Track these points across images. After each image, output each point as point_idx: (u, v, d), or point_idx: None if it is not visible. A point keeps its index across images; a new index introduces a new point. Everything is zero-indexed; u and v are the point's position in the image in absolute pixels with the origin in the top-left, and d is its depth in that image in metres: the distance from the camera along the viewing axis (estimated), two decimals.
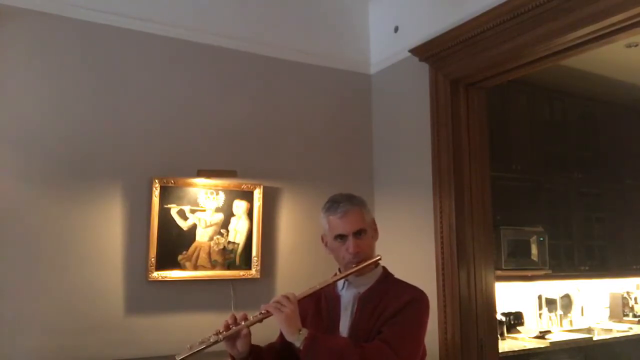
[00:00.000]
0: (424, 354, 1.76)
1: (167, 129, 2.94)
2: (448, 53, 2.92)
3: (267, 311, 1.64)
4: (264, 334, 1.81)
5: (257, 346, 1.76)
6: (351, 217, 1.74)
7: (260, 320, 1.66)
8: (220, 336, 1.64)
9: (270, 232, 3.13)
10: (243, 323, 1.66)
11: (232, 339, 1.66)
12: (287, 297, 1.64)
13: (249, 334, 1.68)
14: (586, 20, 2.30)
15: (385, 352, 1.58)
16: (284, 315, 1.60)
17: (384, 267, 1.85)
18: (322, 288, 1.74)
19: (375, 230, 1.84)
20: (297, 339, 1.58)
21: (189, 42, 3.04)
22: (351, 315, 1.74)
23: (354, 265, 1.72)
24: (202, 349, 1.62)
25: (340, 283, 1.80)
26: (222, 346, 1.67)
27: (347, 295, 1.78)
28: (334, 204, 1.77)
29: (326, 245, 1.83)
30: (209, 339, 1.63)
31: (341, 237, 1.74)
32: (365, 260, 1.73)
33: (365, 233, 1.76)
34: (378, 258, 1.77)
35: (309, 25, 3.43)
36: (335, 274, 1.82)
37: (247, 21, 3.23)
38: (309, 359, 1.56)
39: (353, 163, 3.45)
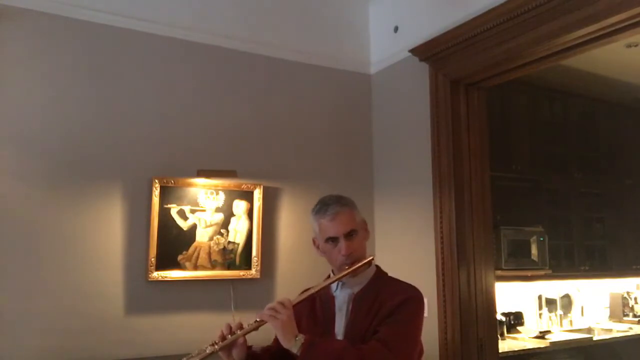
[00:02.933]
0: (421, 352, 1.76)
1: (167, 129, 2.93)
2: (448, 53, 2.92)
3: (262, 319, 1.63)
4: (261, 337, 1.81)
5: (254, 352, 1.75)
6: (342, 219, 1.73)
7: (256, 329, 1.65)
8: (217, 346, 1.63)
9: (270, 232, 3.13)
10: (238, 332, 1.65)
11: (227, 348, 1.66)
12: (282, 304, 1.63)
13: (245, 342, 1.68)
14: (586, 20, 2.30)
15: (382, 352, 1.58)
16: (280, 322, 1.59)
17: (377, 266, 1.85)
18: (317, 292, 1.74)
19: (366, 230, 1.83)
20: (294, 345, 1.58)
21: (189, 42, 3.04)
22: (346, 316, 1.74)
23: (347, 267, 1.71)
24: None
25: (334, 284, 1.79)
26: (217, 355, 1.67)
27: (342, 296, 1.78)
28: (323, 206, 1.77)
29: (318, 248, 1.82)
30: (204, 350, 1.63)
31: (333, 239, 1.74)
32: (359, 261, 1.73)
33: (356, 234, 1.75)
34: (370, 259, 1.77)
35: (309, 25, 3.43)
36: (329, 276, 1.81)
37: (247, 21, 3.23)
38: None
39: (353, 163, 3.45)
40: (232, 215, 3.01)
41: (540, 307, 4.57)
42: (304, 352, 1.56)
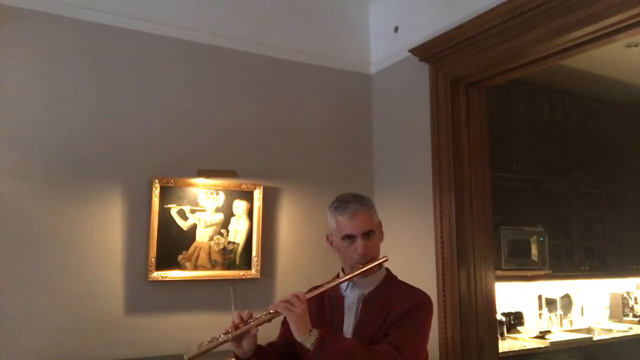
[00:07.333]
0: (426, 356, 1.77)
1: (167, 129, 2.94)
2: (448, 53, 2.92)
3: (277, 311, 1.63)
4: (267, 332, 1.81)
5: (261, 346, 1.75)
6: (361, 218, 1.73)
7: (269, 320, 1.65)
8: (230, 335, 1.63)
9: (270, 232, 3.13)
10: (251, 322, 1.65)
11: (238, 338, 1.66)
12: (297, 297, 1.63)
13: (256, 334, 1.68)
14: (586, 20, 2.30)
15: (393, 355, 1.58)
16: (295, 315, 1.59)
17: (387, 269, 1.85)
18: (328, 289, 1.73)
19: (382, 231, 1.83)
20: (308, 339, 1.57)
21: (189, 42, 3.04)
22: (355, 316, 1.74)
23: (360, 266, 1.71)
24: (210, 348, 1.62)
25: (344, 283, 1.79)
26: (224, 346, 1.67)
27: (352, 296, 1.78)
28: (342, 203, 1.76)
29: (332, 244, 1.82)
30: (217, 338, 1.63)
31: (349, 237, 1.73)
32: (372, 261, 1.72)
33: (373, 234, 1.76)
34: (385, 259, 1.76)
35: (309, 25, 3.43)
36: (339, 274, 1.81)
37: (247, 21, 3.23)
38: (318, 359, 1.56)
39: (353, 163, 3.45)
40: (232, 215, 3.01)
41: (540, 307, 4.57)
42: (317, 347, 1.55)
